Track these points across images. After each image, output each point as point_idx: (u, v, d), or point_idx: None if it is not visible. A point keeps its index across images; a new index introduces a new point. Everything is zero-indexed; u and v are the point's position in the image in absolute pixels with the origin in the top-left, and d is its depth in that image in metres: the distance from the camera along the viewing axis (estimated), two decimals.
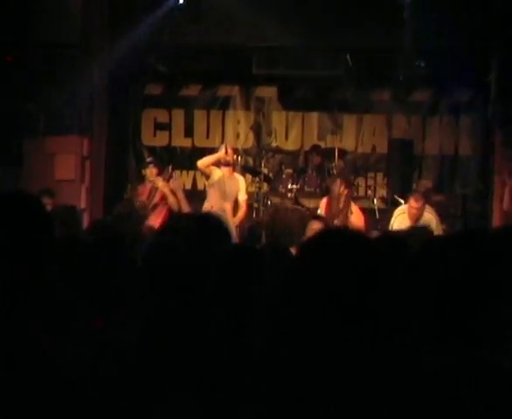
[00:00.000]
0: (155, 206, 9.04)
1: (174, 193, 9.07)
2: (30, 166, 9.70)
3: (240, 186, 9.02)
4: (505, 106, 9.94)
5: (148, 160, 9.70)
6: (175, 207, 8.91)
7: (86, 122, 10.05)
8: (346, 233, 1.49)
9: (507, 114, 9.89)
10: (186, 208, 8.89)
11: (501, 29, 9.64)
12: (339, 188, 8.93)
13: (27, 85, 9.48)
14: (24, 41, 9.25)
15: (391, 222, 8.65)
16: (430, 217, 8.46)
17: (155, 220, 8.59)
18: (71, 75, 9.63)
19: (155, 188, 9.08)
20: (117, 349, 2.44)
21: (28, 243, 1.61)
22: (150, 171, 9.23)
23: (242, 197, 9.01)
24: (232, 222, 8.58)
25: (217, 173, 8.88)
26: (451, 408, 1.67)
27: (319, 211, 9.02)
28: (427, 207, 8.59)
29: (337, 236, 1.45)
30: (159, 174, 9.23)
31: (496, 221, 10.04)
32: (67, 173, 9.91)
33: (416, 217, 8.38)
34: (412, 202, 8.47)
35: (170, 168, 9.52)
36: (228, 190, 8.86)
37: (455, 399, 1.68)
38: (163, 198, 9.05)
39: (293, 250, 4.17)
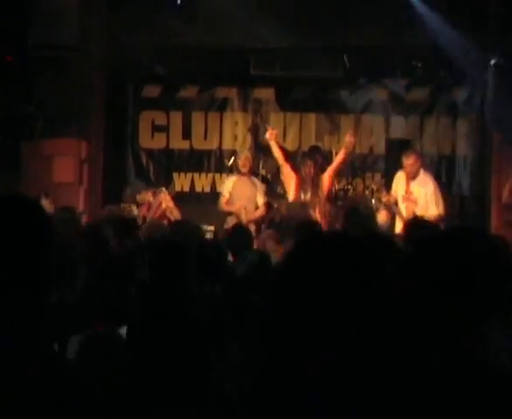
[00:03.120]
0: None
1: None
2: (28, 169, 9.70)
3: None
4: (502, 105, 9.95)
5: (136, 188, 9.77)
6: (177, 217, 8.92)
7: (83, 125, 10.06)
8: (335, 235, 1.48)
9: (504, 114, 9.90)
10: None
11: (499, 28, 9.66)
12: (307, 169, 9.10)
13: (25, 88, 9.48)
14: (22, 43, 9.24)
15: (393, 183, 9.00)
16: (427, 180, 8.86)
17: None
18: (68, 77, 9.63)
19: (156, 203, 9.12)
20: (117, 350, 2.45)
21: (27, 247, 1.61)
22: (146, 194, 9.28)
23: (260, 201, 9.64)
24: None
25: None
26: (450, 406, 1.68)
27: None
28: (425, 172, 8.95)
29: (329, 238, 1.45)
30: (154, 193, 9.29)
31: (494, 220, 10.04)
32: (65, 176, 9.91)
33: (411, 174, 8.74)
34: (404, 160, 8.81)
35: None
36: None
37: (455, 399, 1.69)
38: (164, 212, 9.05)
39: None
